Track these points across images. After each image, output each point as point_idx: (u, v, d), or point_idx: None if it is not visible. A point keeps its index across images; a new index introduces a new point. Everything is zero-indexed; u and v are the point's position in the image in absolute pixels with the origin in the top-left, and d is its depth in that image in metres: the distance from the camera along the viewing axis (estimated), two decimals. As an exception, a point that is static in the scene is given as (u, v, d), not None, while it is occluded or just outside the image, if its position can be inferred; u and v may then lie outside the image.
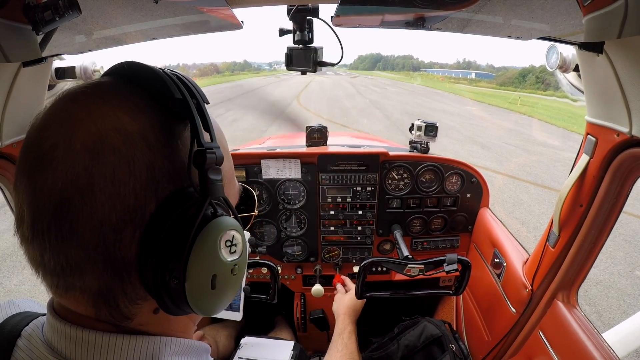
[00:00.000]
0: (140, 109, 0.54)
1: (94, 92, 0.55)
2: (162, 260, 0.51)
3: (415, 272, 1.82)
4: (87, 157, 0.48)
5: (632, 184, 1.38)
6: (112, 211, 0.49)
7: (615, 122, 1.23)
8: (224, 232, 0.55)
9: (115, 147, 0.49)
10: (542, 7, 1.21)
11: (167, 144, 0.54)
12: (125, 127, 0.51)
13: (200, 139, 0.54)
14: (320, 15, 1.59)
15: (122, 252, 0.51)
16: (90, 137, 0.49)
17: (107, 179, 0.48)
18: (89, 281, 0.51)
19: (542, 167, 10.25)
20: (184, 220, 0.52)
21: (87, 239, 0.49)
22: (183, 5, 1.40)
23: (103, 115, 0.51)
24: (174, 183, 0.54)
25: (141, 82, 0.58)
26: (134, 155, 0.50)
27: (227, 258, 0.56)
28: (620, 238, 5.89)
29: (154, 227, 0.51)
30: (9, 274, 4.80)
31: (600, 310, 4.35)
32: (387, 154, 2.28)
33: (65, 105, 0.53)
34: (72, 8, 1.01)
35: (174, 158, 0.54)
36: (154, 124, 0.54)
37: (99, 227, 0.49)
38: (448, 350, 1.94)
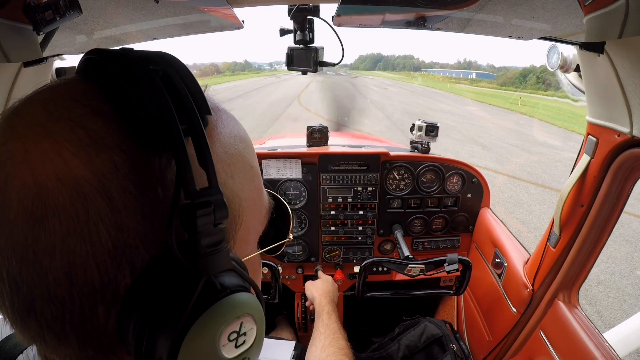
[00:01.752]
0: (97, 142, 0.37)
1: (36, 114, 0.38)
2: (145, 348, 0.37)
3: (416, 272, 1.82)
4: (24, 223, 0.35)
5: (632, 184, 1.38)
6: (71, 289, 0.36)
7: (616, 122, 1.23)
8: (227, 323, 0.39)
9: (59, 208, 0.35)
10: (543, 7, 1.21)
11: (140, 195, 0.37)
12: (74, 175, 0.35)
13: (189, 186, 0.37)
14: (321, 14, 1.59)
15: (98, 329, 0.39)
16: (26, 194, 0.35)
17: (55, 252, 0.35)
18: (65, 352, 0.40)
19: (543, 167, 10.24)
20: (171, 300, 0.38)
21: (50, 319, 0.37)
22: (184, 5, 1.41)
23: (42, 157, 0.35)
24: (155, 246, 0.39)
25: (105, 87, 0.40)
26: (89, 218, 0.35)
27: (230, 356, 0.40)
28: (621, 238, 5.89)
29: (132, 305, 0.38)
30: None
31: (601, 310, 4.35)
32: (388, 154, 2.28)
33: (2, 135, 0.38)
34: (73, 8, 1.02)
35: (152, 213, 0.38)
36: (117, 165, 0.37)
37: (60, 307, 0.37)
38: (449, 350, 1.94)
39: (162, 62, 0.43)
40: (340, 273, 2.45)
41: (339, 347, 1.51)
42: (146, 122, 0.38)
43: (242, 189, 0.48)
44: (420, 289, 2.05)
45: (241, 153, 0.49)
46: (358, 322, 2.87)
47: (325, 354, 1.47)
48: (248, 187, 0.50)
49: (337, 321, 1.71)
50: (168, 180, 0.39)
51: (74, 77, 0.44)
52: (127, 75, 0.39)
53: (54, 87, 0.42)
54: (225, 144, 0.47)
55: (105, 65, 0.41)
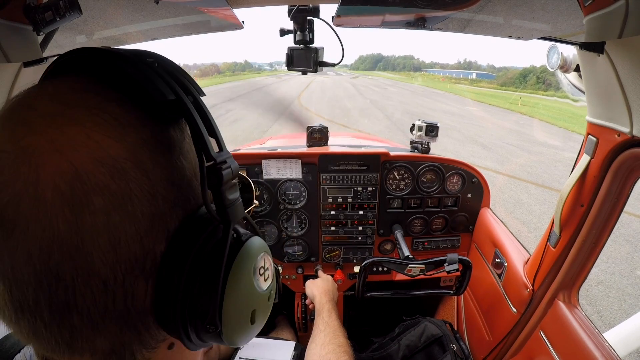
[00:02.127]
0: (121, 122, 0.40)
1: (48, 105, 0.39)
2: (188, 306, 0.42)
3: (416, 272, 1.82)
4: (65, 208, 0.35)
5: (632, 184, 1.38)
6: (115, 266, 0.38)
7: (616, 122, 1.23)
8: (257, 258, 0.46)
9: (101, 185, 0.36)
10: (543, 7, 1.21)
11: (168, 164, 0.42)
12: (110, 155, 0.37)
13: (210, 151, 0.42)
14: (321, 15, 1.59)
15: (136, 306, 0.41)
16: (62, 178, 0.35)
17: (99, 231, 0.37)
18: (100, 344, 0.41)
19: (543, 167, 10.24)
20: (204, 255, 0.42)
21: (91, 306, 0.38)
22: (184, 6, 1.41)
23: (73, 142, 0.36)
24: (182, 209, 0.43)
25: (110, 79, 0.43)
26: (130, 191, 0.38)
27: (264, 287, 0.47)
28: (622, 238, 5.88)
29: (170, 268, 0.41)
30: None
31: (601, 310, 4.35)
32: (388, 154, 2.28)
33: (14, 134, 0.37)
34: (73, 8, 1.02)
35: (178, 178, 0.43)
36: (145, 140, 0.40)
37: (102, 289, 0.38)
38: (449, 350, 1.94)
39: (152, 56, 0.47)
40: (340, 273, 2.45)
41: (338, 344, 1.51)
42: (159, 101, 0.42)
43: None
44: (420, 289, 2.05)
45: None
46: (358, 322, 2.88)
47: (325, 351, 1.48)
48: None
49: (337, 319, 1.71)
50: (185, 149, 0.45)
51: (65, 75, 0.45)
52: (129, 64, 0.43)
53: (51, 84, 0.43)
54: None
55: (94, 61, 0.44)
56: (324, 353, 1.47)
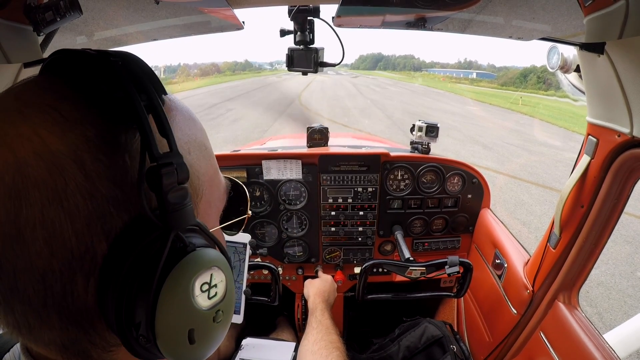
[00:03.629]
0: (68, 119, 0.40)
1: (11, 102, 0.42)
2: (125, 312, 0.40)
3: (417, 274, 1.82)
4: (6, 199, 0.37)
5: (633, 185, 1.38)
6: (52, 260, 0.39)
7: (616, 122, 1.23)
8: (198, 274, 0.43)
9: (39, 180, 0.38)
10: (543, 7, 1.21)
11: (111, 163, 0.41)
12: (50, 149, 0.38)
13: (153, 151, 0.41)
14: (321, 15, 1.59)
15: (78, 303, 0.41)
16: (7, 170, 0.37)
17: (36, 224, 0.38)
18: (50, 336, 0.43)
19: (544, 167, 10.24)
20: (144, 261, 0.41)
21: (32, 296, 0.40)
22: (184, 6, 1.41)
23: (21, 137, 0.38)
24: (127, 212, 0.42)
25: (71, 78, 0.44)
26: (66, 187, 0.38)
27: (205, 305, 0.44)
28: (622, 239, 5.88)
29: (110, 271, 0.41)
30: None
31: (601, 312, 4.34)
32: (388, 155, 2.28)
33: None
34: (73, 9, 1.02)
35: (122, 180, 0.42)
36: (89, 138, 0.40)
37: (41, 280, 0.39)
38: (449, 351, 1.94)
39: (119, 55, 0.47)
40: (341, 274, 2.45)
41: (330, 340, 1.54)
42: (111, 99, 0.43)
43: (200, 165, 0.52)
44: (420, 291, 2.05)
45: (195, 134, 0.54)
46: (358, 323, 2.88)
47: (318, 347, 1.50)
48: (205, 164, 0.54)
49: (330, 318, 1.73)
50: (134, 149, 0.43)
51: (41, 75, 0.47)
52: (90, 64, 0.45)
53: (23, 83, 0.45)
54: (181, 124, 0.51)
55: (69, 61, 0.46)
56: (317, 348, 1.49)
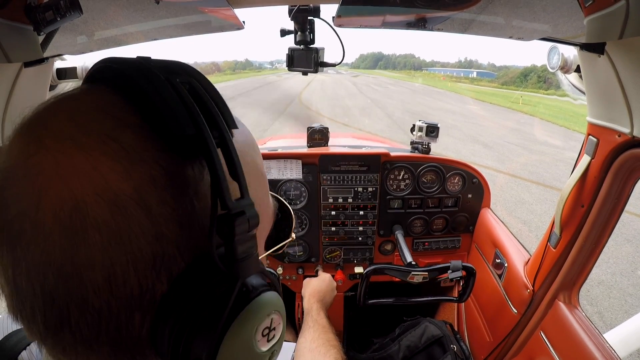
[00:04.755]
0: (131, 155, 0.37)
1: (64, 125, 0.38)
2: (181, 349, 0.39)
3: (419, 279, 1.81)
4: (62, 237, 0.35)
5: (633, 185, 1.38)
6: (110, 299, 0.37)
7: (617, 122, 1.23)
8: (263, 318, 0.42)
9: (100, 222, 0.35)
10: (544, 8, 1.21)
11: (178, 206, 0.39)
12: (112, 190, 0.36)
13: (226, 199, 0.38)
14: (321, 15, 1.59)
15: (131, 336, 0.40)
16: (63, 208, 0.35)
17: (94, 266, 0.36)
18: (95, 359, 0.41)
19: (544, 167, 10.24)
20: (204, 305, 0.39)
21: (85, 330, 0.38)
22: (184, 6, 1.41)
23: (77, 171, 0.35)
24: (191, 254, 0.40)
25: (133, 99, 0.40)
26: (130, 231, 0.36)
27: (264, 349, 0.43)
28: (623, 238, 5.88)
29: (168, 310, 0.39)
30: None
31: (602, 311, 4.35)
32: (389, 155, 2.28)
33: (27, 145, 0.37)
34: (74, 8, 1.01)
35: (189, 223, 0.40)
36: (155, 178, 0.38)
37: (97, 318, 0.37)
38: (449, 351, 1.94)
39: (184, 74, 0.44)
40: (341, 273, 2.45)
41: (327, 339, 1.54)
42: (180, 135, 0.38)
43: (257, 195, 0.49)
44: (422, 294, 2.04)
45: (254, 160, 0.52)
46: (358, 322, 2.88)
47: (315, 345, 1.50)
48: (260, 191, 0.52)
49: (325, 317, 1.74)
50: (201, 191, 0.41)
51: (96, 87, 0.43)
52: (154, 87, 0.39)
53: (76, 97, 0.42)
54: (242, 153, 0.47)
55: (127, 75, 0.41)
56: (314, 346, 1.50)
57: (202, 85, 0.44)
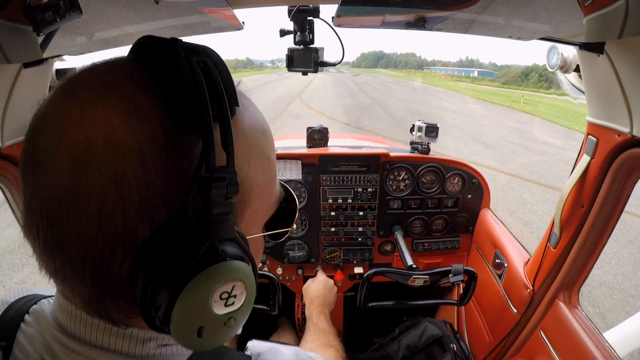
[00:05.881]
0: (140, 114, 0.44)
1: (94, 82, 0.46)
2: (149, 294, 0.44)
3: (420, 282, 1.80)
4: (70, 169, 0.42)
5: (633, 184, 1.38)
6: (98, 232, 0.43)
7: (616, 122, 1.23)
8: (220, 283, 0.45)
9: (102, 162, 0.42)
10: (543, 8, 1.21)
11: (170, 163, 0.45)
12: (119, 138, 0.42)
13: (210, 162, 0.44)
14: (321, 15, 1.59)
15: (112, 271, 0.45)
16: (76, 146, 0.42)
17: (91, 198, 0.42)
18: (80, 288, 0.48)
19: (546, 167, 10.22)
20: (176, 258, 0.44)
21: (74, 255, 0.44)
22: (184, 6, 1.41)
23: (94, 119, 0.43)
24: (174, 208, 0.46)
25: (154, 69, 0.47)
26: (124, 174, 0.42)
27: (219, 312, 0.46)
28: (624, 239, 5.86)
29: (145, 255, 0.44)
30: (9, 271, 4.80)
31: (603, 312, 4.34)
32: (388, 155, 2.28)
33: (63, 95, 0.46)
34: (73, 9, 1.02)
35: (176, 179, 0.45)
36: (155, 136, 0.44)
37: (85, 245, 0.44)
38: (449, 351, 1.94)
39: (203, 54, 0.50)
40: (341, 274, 2.45)
41: (326, 340, 1.59)
42: (184, 104, 0.45)
43: (256, 176, 0.55)
44: (422, 296, 2.04)
45: (260, 144, 0.57)
46: (358, 322, 2.88)
47: (314, 346, 1.54)
48: (262, 175, 0.57)
49: (326, 320, 1.77)
50: (194, 155, 0.46)
51: (127, 57, 0.51)
52: (172, 61, 0.46)
53: (110, 62, 0.50)
54: (247, 133, 0.54)
55: (154, 50, 0.49)
56: (313, 347, 1.54)
57: (216, 66, 0.49)
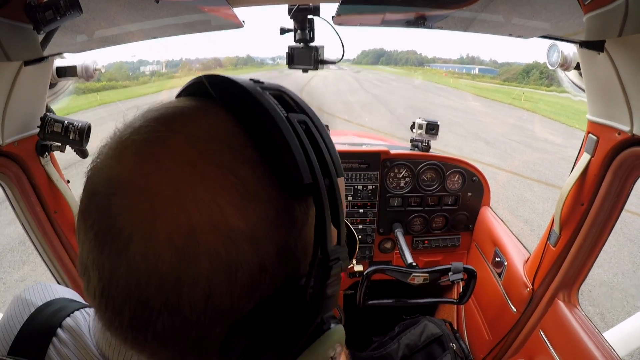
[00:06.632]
0: (249, 191, 0.39)
1: (184, 148, 0.40)
2: None
3: (420, 280, 1.81)
4: (173, 256, 0.37)
5: (633, 183, 1.38)
6: (200, 314, 0.39)
7: (617, 120, 1.23)
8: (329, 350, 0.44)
9: (211, 250, 0.37)
10: (544, 5, 1.20)
11: (281, 241, 0.41)
12: (227, 222, 0.38)
13: (327, 246, 0.41)
14: (321, 14, 1.58)
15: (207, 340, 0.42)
16: (178, 232, 0.37)
17: (198, 285, 0.38)
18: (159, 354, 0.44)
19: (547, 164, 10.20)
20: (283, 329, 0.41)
21: (167, 332, 0.40)
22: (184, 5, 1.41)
23: (197, 202, 0.37)
24: (280, 281, 0.43)
25: (252, 133, 0.42)
26: (238, 263, 0.38)
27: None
28: (625, 238, 5.85)
29: (249, 325, 0.41)
30: (10, 269, 4.81)
31: (603, 312, 4.32)
32: (388, 153, 2.28)
33: (142, 162, 0.39)
34: (73, 8, 1.02)
35: (287, 256, 0.42)
36: (267, 216, 0.40)
37: (182, 325, 0.39)
38: (449, 350, 1.95)
39: (300, 111, 0.46)
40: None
41: None
42: (294, 177, 0.40)
43: None
44: (422, 295, 2.04)
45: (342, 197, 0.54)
46: (358, 321, 2.88)
47: None
48: None
49: None
50: (304, 232, 0.44)
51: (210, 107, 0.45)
52: (276, 126, 0.41)
53: (191, 116, 0.44)
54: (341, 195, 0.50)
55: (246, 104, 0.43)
56: None
57: (316, 127, 0.45)
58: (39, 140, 1.46)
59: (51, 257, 1.63)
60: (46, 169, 1.53)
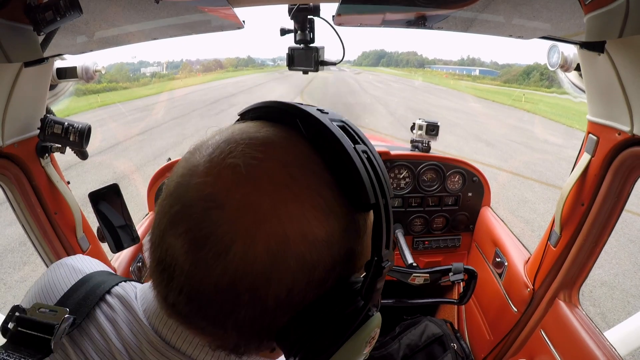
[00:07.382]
0: (330, 208, 0.49)
1: (278, 174, 0.48)
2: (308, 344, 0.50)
3: (420, 281, 1.81)
4: (267, 259, 0.45)
5: (633, 183, 1.38)
6: (277, 305, 0.48)
7: (617, 121, 1.23)
8: (371, 332, 0.54)
9: (300, 255, 0.47)
10: (544, 6, 1.20)
11: (349, 247, 0.51)
12: (314, 234, 0.47)
13: (382, 251, 0.50)
14: (321, 14, 1.58)
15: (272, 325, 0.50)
16: (275, 239, 0.46)
17: (282, 284, 0.47)
18: (226, 339, 0.52)
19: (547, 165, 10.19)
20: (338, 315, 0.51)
21: (244, 322, 0.49)
22: (184, 6, 1.41)
23: (291, 216, 0.46)
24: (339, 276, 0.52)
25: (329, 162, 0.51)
26: (317, 264, 0.48)
27: (365, 351, 0.56)
28: (625, 238, 5.85)
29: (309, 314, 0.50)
30: (10, 269, 4.82)
31: (604, 312, 4.32)
32: (389, 153, 2.28)
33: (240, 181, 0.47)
34: (73, 8, 1.02)
35: (350, 259, 0.52)
36: (342, 228, 0.50)
37: (260, 316, 0.48)
38: (450, 349, 1.94)
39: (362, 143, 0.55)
40: None
41: None
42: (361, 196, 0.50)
43: None
44: (422, 295, 2.04)
45: None
46: None
47: None
48: None
49: None
50: (364, 239, 0.54)
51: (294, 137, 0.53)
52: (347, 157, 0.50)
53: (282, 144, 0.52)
54: None
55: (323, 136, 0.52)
56: None
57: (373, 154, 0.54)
58: (39, 141, 1.46)
59: (51, 257, 1.63)
60: (46, 170, 1.53)
